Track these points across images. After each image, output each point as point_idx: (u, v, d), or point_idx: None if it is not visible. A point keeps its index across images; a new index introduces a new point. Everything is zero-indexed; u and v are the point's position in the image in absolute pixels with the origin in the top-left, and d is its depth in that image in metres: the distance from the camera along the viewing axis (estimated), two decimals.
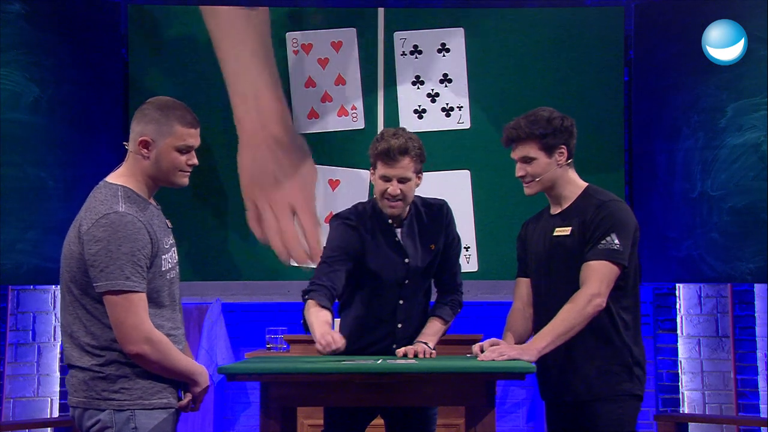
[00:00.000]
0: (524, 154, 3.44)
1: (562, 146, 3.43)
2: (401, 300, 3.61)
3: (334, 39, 6.09)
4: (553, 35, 6.15)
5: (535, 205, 5.95)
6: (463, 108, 6.08)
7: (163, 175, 2.96)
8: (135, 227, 2.81)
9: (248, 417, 6.02)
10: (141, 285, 2.80)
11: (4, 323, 5.98)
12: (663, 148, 5.96)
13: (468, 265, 5.95)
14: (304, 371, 3.13)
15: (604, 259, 3.25)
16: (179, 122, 2.94)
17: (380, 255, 3.57)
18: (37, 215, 5.66)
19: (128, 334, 2.78)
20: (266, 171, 6.02)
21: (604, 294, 3.23)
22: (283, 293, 6.02)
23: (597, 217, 3.31)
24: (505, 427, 6.02)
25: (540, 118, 3.43)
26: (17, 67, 5.71)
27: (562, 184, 3.46)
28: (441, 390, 3.18)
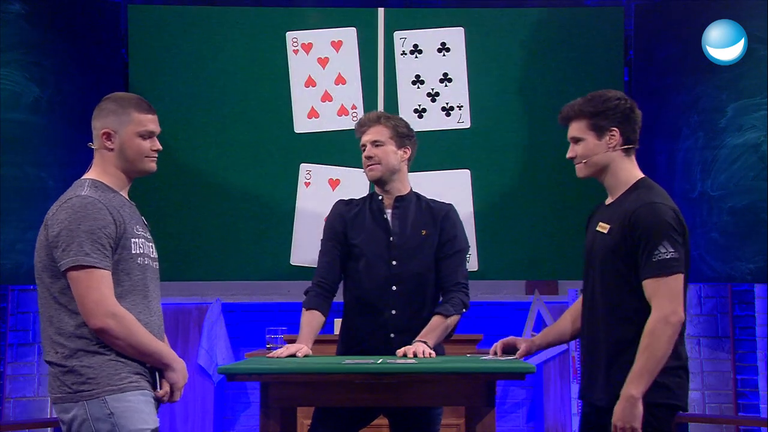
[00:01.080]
0: (574, 133, 3.34)
1: (614, 128, 3.26)
2: (394, 286, 3.63)
3: (334, 38, 6.08)
4: (552, 35, 6.15)
5: (537, 206, 6.00)
6: (463, 107, 6.07)
7: (130, 164, 3.05)
8: (95, 207, 2.88)
9: (248, 417, 6.03)
10: (103, 262, 2.84)
11: (4, 323, 5.98)
12: (663, 148, 5.96)
13: (468, 265, 5.93)
14: (304, 371, 3.13)
15: (665, 273, 3.08)
16: (136, 109, 3.06)
17: (365, 228, 3.69)
18: (37, 215, 5.61)
19: (91, 308, 2.81)
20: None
21: (679, 308, 3.06)
22: (283, 293, 6.03)
23: (639, 223, 3.14)
24: (505, 427, 6.02)
25: (596, 96, 3.31)
26: (17, 67, 5.71)
27: (614, 171, 3.31)
28: (441, 390, 3.18)
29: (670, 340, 3.04)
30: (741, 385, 6.11)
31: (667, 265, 3.07)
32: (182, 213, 5.82)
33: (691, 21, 5.97)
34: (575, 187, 6.03)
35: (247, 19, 6.14)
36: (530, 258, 6.09)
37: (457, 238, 3.76)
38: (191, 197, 5.86)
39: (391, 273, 3.64)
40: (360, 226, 3.69)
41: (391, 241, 3.65)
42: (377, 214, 3.71)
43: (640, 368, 3.04)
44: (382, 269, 3.64)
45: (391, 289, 3.63)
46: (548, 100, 6.13)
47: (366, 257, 3.65)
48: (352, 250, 3.68)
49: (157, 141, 3.10)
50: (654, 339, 3.04)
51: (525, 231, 6.07)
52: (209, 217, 5.99)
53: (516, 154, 6.10)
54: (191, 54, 6.10)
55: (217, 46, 6.12)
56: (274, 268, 6.02)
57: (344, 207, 3.78)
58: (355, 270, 3.68)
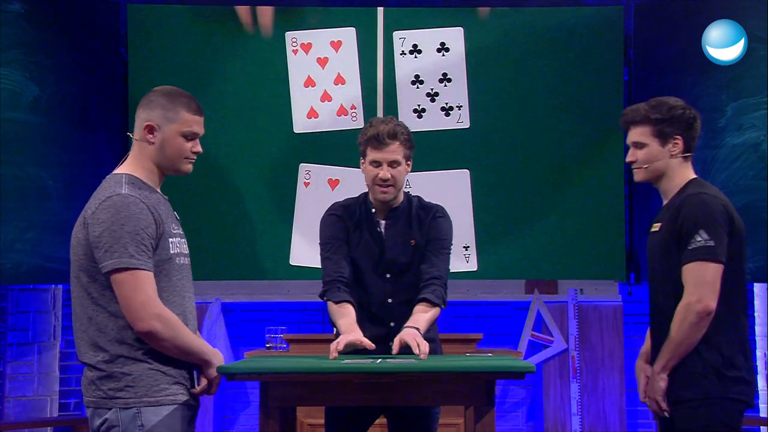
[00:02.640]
0: (637, 138, 3.33)
1: (678, 136, 3.28)
2: (389, 298, 3.59)
3: (333, 38, 6.07)
4: (552, 35, 6.14)
5: (536, 206, 5.99)
6: (463, 107, 6.06)
7: (167, 162, 2.99)
8: (138, 207, 2.82)
9: (248, 416, 6.02)
10: (147, 263, 2.80)
11: (3, 323, 5.97)
12: None
13: (467, 265, 5.94)
14: (303, 371, 3.12)
15: (696, 259, 3.12)
16: (185, 109, 2.98)
17: (361, 244, 3.60)
18: (36, 215, 5.65)
19: (137, 311, 2.77)
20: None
21: (705, 296, 3.10)
22: (282, 293, 6.02)
23: (681, 213, 3.19)
24: (505, 426, 6.02)
25: (661, 104, 3.31)
26: (17, 67, 5.71)
27: (671, 176, 3.33)
28: (441, 389, 3.17)
29: (692, 326, 3.10)
30: None
31: (701, 253, 3.11)
32: (182, 213, 5.78)
33: (690, 21, 5.97)
34: (574, 187, 6.06)
35: (246, 18, 6.14)
36: (530, 257, 6.09)
37: (441, 238, 3.63)
38: (191, 197, 5.85)
39: (386, 286, 3.60)
40: (358, 238, 3.61)
41: (385, 256, 3.59)
42: (371, 228, 3.61)
43: (666, 348, 3.16)
44: (378, 282, 3.60)
45: (387, 301, 3.60)
46: (548, 100, 6.13)
47: (362, 270, 3.60)
48: (352, 262, 3.60)
49: (198, 144, 3.04)
50: (677, 323, 3.13)
51: (524, 231, 6.07)
52: (209, 217, 5.99)
53: (515, 155, 6.10)
54: (190, 53, 6.11)
55: (216, 46, 6.12)
56: (274, 268, 6.03)
57: (343, 214, 3.64)
58: (355, 282, 3.60)
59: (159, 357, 2.85)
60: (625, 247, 6.09)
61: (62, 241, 2.99)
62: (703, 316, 3.09)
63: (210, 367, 2.97)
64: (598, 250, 6.06)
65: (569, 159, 6.10)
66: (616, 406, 6.03)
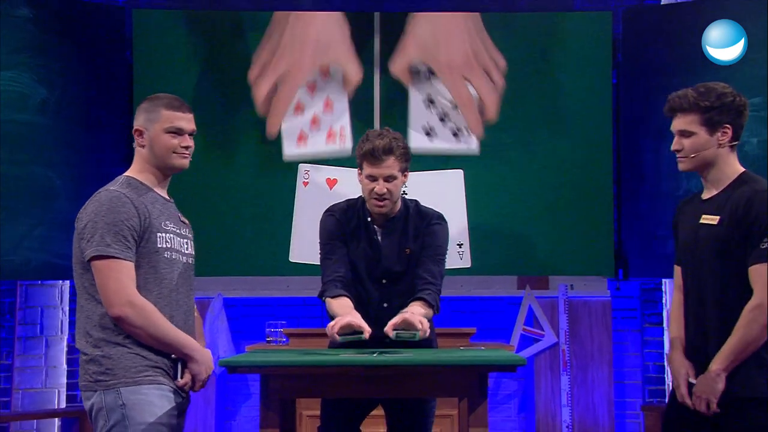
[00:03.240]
0: (684, 126, 3.11)
1: (727, 125, 3.07)
2: (385, 303, 3.57)
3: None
4: (544, 39, 6.15)
5: (528, 204, 5.99)
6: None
7: (159, 160, 3.05)
8: (120, 201, 2.88)
9: (249, 408, 6.01)
10: (124, 253, 2.85)
11: (12, 317, 5.98)
12: (650, 148, 5.95)
13: (461, 262, 5.95)
14: (302, 364, 3.12)
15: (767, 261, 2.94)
16: (164, 107, 3.06)
17: (358, 249, 3.57)
18: (44, 213, 5.65)
19: (110, 297, 2.83)
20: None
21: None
22: (282, 288, 6.02)
23: (752, 210, 2.97)
24: (497, 417, 6.01)
25: (710, 90, 3.11)
26: (25, 69, 5.70)
27: (720, 166, 3.10)
28: (435, 382, 3.17)
29: (763, 328, 2.94)
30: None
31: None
32: (186, 212, 5.79)
33: (677, 25, 5.97)
34: (565, 186, 6.07)
35: (246, 24, 6.14)
36: (521, 255, 6.10)
37: (437, 245, 3.59)
38: (194, 197, 5.86)
39: (382, 291, 3.58)
40: (355, 244, 3.57)
41: (381, 264, 3.56)
42: (368, 235, 3.57)
43: (729, 348, 2.97)
44: (374, 287, 3.58)
45: (383, 305, 3.58)
46: (539, 102, 6.13)
47: (359, 274, 3.58)
48: (349, 263, 3.57)
49: (188, 138, 3.08)
50: (747, 323, 2.95)
51: (516, 228, 6.08)
52: (212, 216, 5.99)
53: (508, 155, 6.10)
54: (193, 56, 6.10)
55: (217, 49, 6.11)
56: (274, 264, 6.03)
57: (342, 216, 3.59)
58: (351, 284, 3.56)
59: (138, 342, 2.88)
60: (614, 244, 6.09)
61: (69, 239, 3.02)
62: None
63: (193, 362, 2.98)
64: (587, 248, 6.07)
65: (560, 159, 6.10)
66: (605, 398, 6.04)
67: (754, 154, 5.69)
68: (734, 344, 2.98)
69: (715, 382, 2.99)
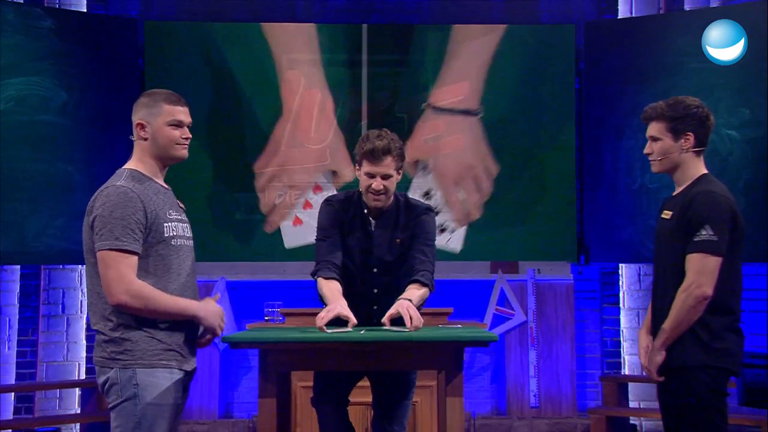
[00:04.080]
0: (653, 132, 3.21)
1: (689, 133, 3.15)
2: (375, 289, 3.55)
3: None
4: (513, 49, 6.15)
5: (501, 199, 6.00)
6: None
7: (163, 151, 2.97)
8: (127, 196, 2.82)
9: (249, 380, 6.01)
10: (132, 245, 2.79)
11: (37, 298, 5.96)
12: (609, 147, 5.97)
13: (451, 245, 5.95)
14: (297, 340, 3.12)
15: (700, 251, 3.03)
16: (165, 101, 3.00)
17: (353, 239, 3.53)
18: (65, 204, 5.63)
19: (109, 286, 2.78)
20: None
21: (703, 283, 3.02)
22: (280, 272, 6.02)
23: (693, 206, 3.08)
24: (472, 387, 6.02)
25: (678, 102, 3.19)
26: (48, 75, 5.68)
27: (683, 169, 3.19)
28: (417, 356, 3.18)
29: (690, 309, 3.04)
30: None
31: (704, 246, 3.04)
32: (191, 207, 5.79)
33: (633, 37, 5.98)
34: (533, 181, 6.07)
35: (247, 35, 6.11)
36: (494, 242, 6.11)
37: (426, 232, 3.57)
38: (201, 192, 5.86)
39: (373, 278, 3.55)
40: (352, 230, 3.54)
41: (374, 254, 3.53)
42: (363, 225, 3.54)
43: (666, 326, 3.09)
44: (365, 274, 3.54)
45: (373, 291, 3.55)
46: (509, 105, 6.14)
47: (352, 262, 3.54)
48: (344, 250, 3.53)
49: (187, 130, 3.02)
50: (678, 304, 3.06)
51: (489, 219, 6.09)
52: (216, 207, 5.99)
53: (480, 151, 6.10)
54: (201, 64, 6.08)
55: (223, 57, 6.08)
56: (273, 250, 6.02)
57: (340, 206, 3.56)
58: (344, 268, 3.51)
59: (155, 326, 2.84)
60: (577, 233, 6.11)
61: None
62: (701, 301, 3.03)
63: (202, 320, 2.93)
64: (553, 236, 6.09)
65: (528, 157, 6.11)
66: (568, 369, 6.05)
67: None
68: (669, 324, 3.09)
69: (654, 356, 3.13)
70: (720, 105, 5.65)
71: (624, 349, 6.14)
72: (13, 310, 5.96)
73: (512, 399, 6.03)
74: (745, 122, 5.61)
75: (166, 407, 2.83)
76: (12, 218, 5.55)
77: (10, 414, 5.88)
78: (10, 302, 5.96)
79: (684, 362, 3.09)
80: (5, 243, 5.53)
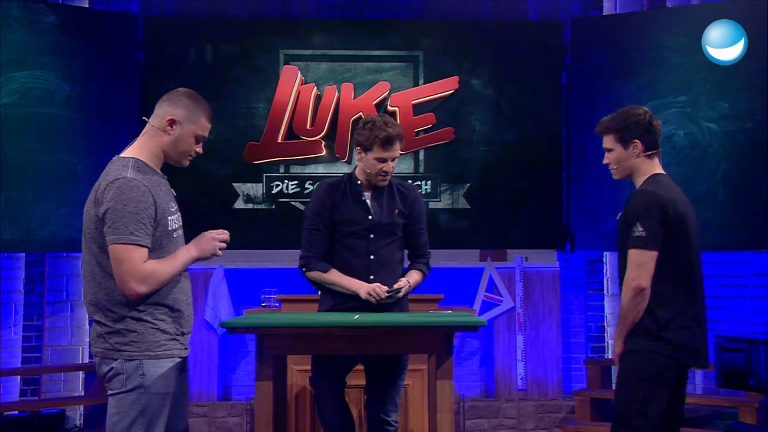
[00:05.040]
0: (606, 145, 3.35)
1: (636, 140, 3.27)
2: (371, 255, 3.61)
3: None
4: (502, 44, 6.15)
5: (491, 190, 5.98)
6: None
7: (176, 155, 2.92)
8: (140, 191, 2.76)
9: (247, 363, 6.01)
10: (143, 239, 2.75)
11: (42, 284, 5.95)
12: (594, 139, 5.92)
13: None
14: (293, 325, 3.13)
15: (633, 247, 3.13)
16: (205, 116, 2.93)
17: (347, 208, 3.63)
18: (68, 194, 5.62)
19: (125, 281, 2.74)
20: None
21: (640, 277, 3.10)
22: (276, 261, 6.01)
23: (629, 205, 3.20)
24: (462, 371, 6.04)
25: (619, 115, 3.33)
26: (51, 69, 5.66)
27: (638, 173, 3.31)
28: (408, 340, 3.18)
29: (629, 301, 3.12)
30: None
31: (637, 241, 3.12)
32: (194, 197, 5.80)
33: (617, 34, 5.98)
34: (521, 172, 6.08)
35: (244, 30, 6.10)
36: (483, 231, 6.11)
37: (423, 218, 3.77)
38: (202, 187, 5.86)
39: (369, 245, 3.63)
40: (343, 207, 3.63)
41: (370, 219, 3.62)
42: (357, 197, 3.64)
43: (619, 319, 3.22)
44: (362, 242, 3.62)
45: (370, 258, 3.62)
46: (498, 100, 6.14)
47: (348, 230, 3.62)
48: (337, 226, 3.63)
49: (201, 146, 2.97)
50: (622, 298, 3.17)
51: (479, 209, 6.10)
52: (215, 196, 5.98)
53: (470, 144, 6.11)
54: (199, 58, 6.08)
55: (218, 52, 6.08)
56: (270, 239, 6.02)
57: (330, 189, 3.67)
58: (339, 242, 3.63)
59: (158, 317, 2.82)
60: (563, 222, 6.12)
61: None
62: (637, 293, 3.11)
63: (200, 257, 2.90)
64: (540, 225, 6.10)
65: (516, 149, 6.12)
66: (554, 353, 6.07)
67: (681, 144, 5.73)
68: (619, 316, 3.22)
69: (615, 346, 3.24)
70: (700, 99, 5.67)
71: (608, 334, 6.16)
72: (18, 296, 5.96)
73: (500, 382, 6.04)
74: (725, 115, 5.62)
75: (170, 396, 2.82)
76: (17, 207, 5.54)
77: (17, 396, 5.88)
78: (15, 289, 5.95)
79: (628, 348, 3.18)
80: (11, 231, 5.52)
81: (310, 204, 3.68)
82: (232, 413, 5.86)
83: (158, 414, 2.79)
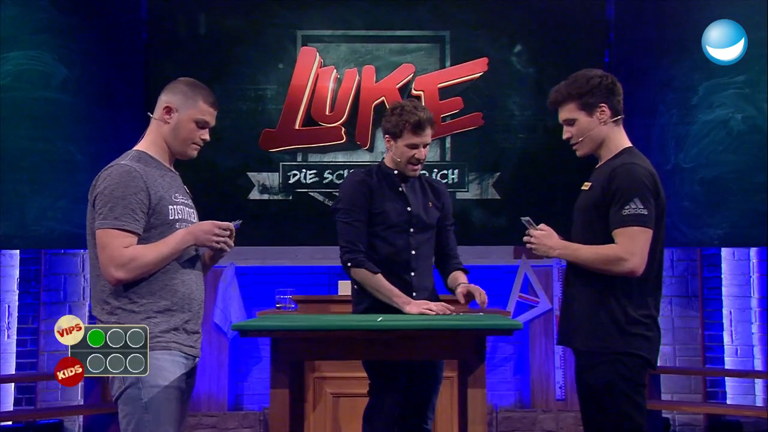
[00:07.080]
0: (566, 116, 3.18)
1: (602, 104, 3.12)
2: (413, 250, 3.63)
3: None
4: (541, 21, 6.12)
5: (528, 179, 5.96)
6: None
7: (177, 143, 2.99)
8: (130, 176, 2.83)
9: (260, 370, 6.02)
10: (130, 225, 2.81)
11: (38, 284, 5.98)
12: (641, 124, 5.91)
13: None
14: (311, 328, 3.11)
15: (629, 225, 2.96)
16: (203, 99, 2.99)
17: (386, 200, 3.63)
18: (66, 186, 5.64)
19: (104, 265, 2.81)
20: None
21: (633, 252, 2.95)
22: (291, 258, 6.01)
23: (615, 181, 3.01)
24: (495, 379, 6.02)
25: (578, 77, 3.16)
26: (47, 49, 5.68)
27: (607, 143, 3.15)
28: (436, 345, 3.16)
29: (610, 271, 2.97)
30: (708, 340, 6.11)
31: (635, 219, 2.96)
32: (204, 191, 5.80)
33: (666, 7, 5.93)
34: (556, 162, 6.04)
35: (261, 9, 6.10)
36: (518, 226, 6.06)
37: (451, 218, 3.83)
38: (209, 175, 5.88)
39: (410, 240, 3.63)
40: (381, 197, 3.63)
41: (410, 212, 3.64)
42: (394, 188, 3.66)
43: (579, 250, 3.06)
44: (402, 236, 3.63)
45: (411, 253, 3.63)
46: (537, 80, 6.10)
47: (388, 223, 3.62)
48: (375, 219, 3.61)
49: (207, 132, 3.03)
50: (603, 256, 2.99)
51: (514, 201, 6.06)
52: (226, 191, 6.00)
53: (506, 129, 6.09)
54: (205, 38, 6.07)
55: (229, 32, 6.07)
56: (284, 235, 6.01)
57: (366, 177, 3.66)
58: (377, 236, 3.62)
59: (152, 309, 2.85)
60: None
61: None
62: (626, 274, 2.97)
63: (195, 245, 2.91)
64: None
65: (552, 136, 6.06)
66: None
67: (738, 129, 5.69)
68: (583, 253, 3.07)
69: (553, 250, 3.19)
70: (762, 78, 5.65)
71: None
72: (12, 296, 5.99)
73: (537, 391, 6.01)
74: None
75: (171, 389, 2.84)
76: (11, 200, 5.57)
77: (11, 406, 5.92)
78: (9, 288, 5.99)
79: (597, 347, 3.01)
80: (4, 226, 5.55)
81: (343, 195, 3.65)
82: (244, 424, 5.88)
83: (165, 409, 2.82)
